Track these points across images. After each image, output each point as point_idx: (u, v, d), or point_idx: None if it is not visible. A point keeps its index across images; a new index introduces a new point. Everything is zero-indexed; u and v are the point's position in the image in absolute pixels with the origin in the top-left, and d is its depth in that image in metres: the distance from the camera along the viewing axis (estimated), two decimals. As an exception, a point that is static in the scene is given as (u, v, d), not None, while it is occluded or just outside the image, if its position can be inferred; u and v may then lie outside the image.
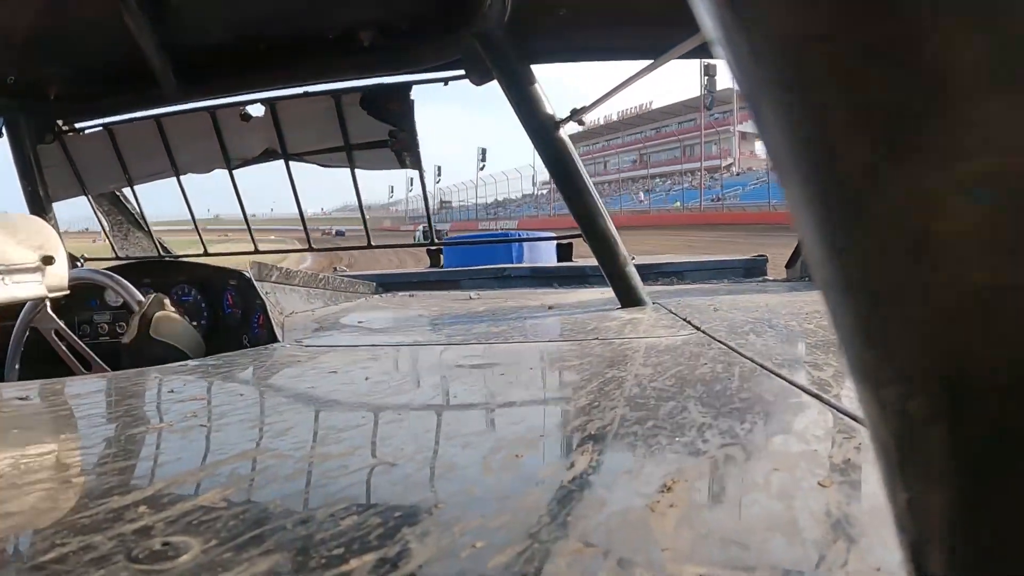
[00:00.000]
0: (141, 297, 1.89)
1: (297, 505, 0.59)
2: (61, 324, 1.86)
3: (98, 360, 1.88)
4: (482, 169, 78.78)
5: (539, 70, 2.18)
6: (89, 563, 0.48)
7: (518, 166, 77.31)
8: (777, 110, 0.21)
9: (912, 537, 0.24)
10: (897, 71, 0.18)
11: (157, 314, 1.82)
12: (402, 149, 2.49)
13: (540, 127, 2.14)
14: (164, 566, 0.47)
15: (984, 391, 0.19)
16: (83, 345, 1.88)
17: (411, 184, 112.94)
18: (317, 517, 0.55)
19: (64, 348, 1.87)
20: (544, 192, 77.59)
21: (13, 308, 1.93)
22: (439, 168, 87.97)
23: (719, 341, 1.43)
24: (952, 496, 0.21)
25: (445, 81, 2.35)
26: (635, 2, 2.04)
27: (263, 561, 0.47)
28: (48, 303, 1.78)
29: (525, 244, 7.35)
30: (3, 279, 1.48)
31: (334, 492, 0.62)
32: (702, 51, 1.59)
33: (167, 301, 1.89)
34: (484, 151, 75.83)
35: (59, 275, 1.62)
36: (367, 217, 2.78)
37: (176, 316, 1.87)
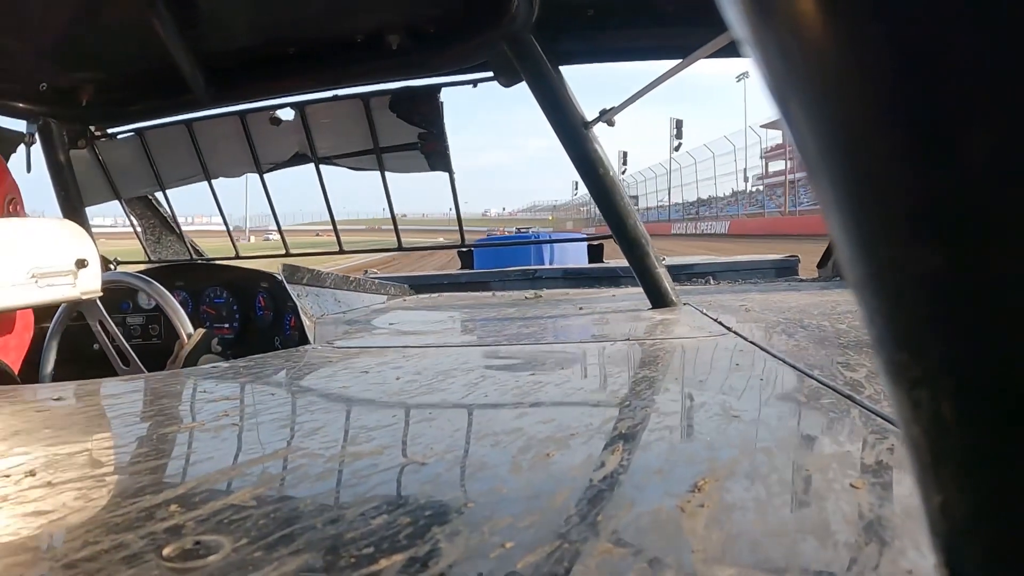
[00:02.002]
0: (191, 329, 1.91)
1: (328, 504, 0.60)
2: (106, 316, 1.88)
3: (135, 357, 1.91)
4: (677, 149, 52.33)
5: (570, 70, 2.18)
6: (120, 561, 0.48)
7: (729, 134, 54.58)
8: (806, 109, 0.21)
9: (945, 539, 0.23)
10: (931, 67, 0.17)
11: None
12: (432, 151, 2.50)
13: (569, 128, 2.14)
14: (195, 564, 0.47)
15: (1018, 391, 0.19)
16: (123, 340, 1.91)
17: None
18: (347, 516, 0.56)
19: (106, 339, 1.89)
20: (759, 188, 59.83)
21: (49, 311, 1.96)
22: (624, 155, 67.95)
23: (750, 341, 1.42)
24: (986, 497, 0.21)
25: (474, 83, 2.35)
26: (662, 2, 2.03)
27: (293, 560, 0.48)
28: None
29: (556, 245, 7.35)
30: (38, 282, 1.50)
31: (364, 491, 0.62)
32: (731, 50, 1.58)
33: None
34: (679, 123, 49.19)
35: (92, 278, 1.65)
36: (552, 218, 2.75)
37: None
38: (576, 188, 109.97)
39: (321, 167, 2.67)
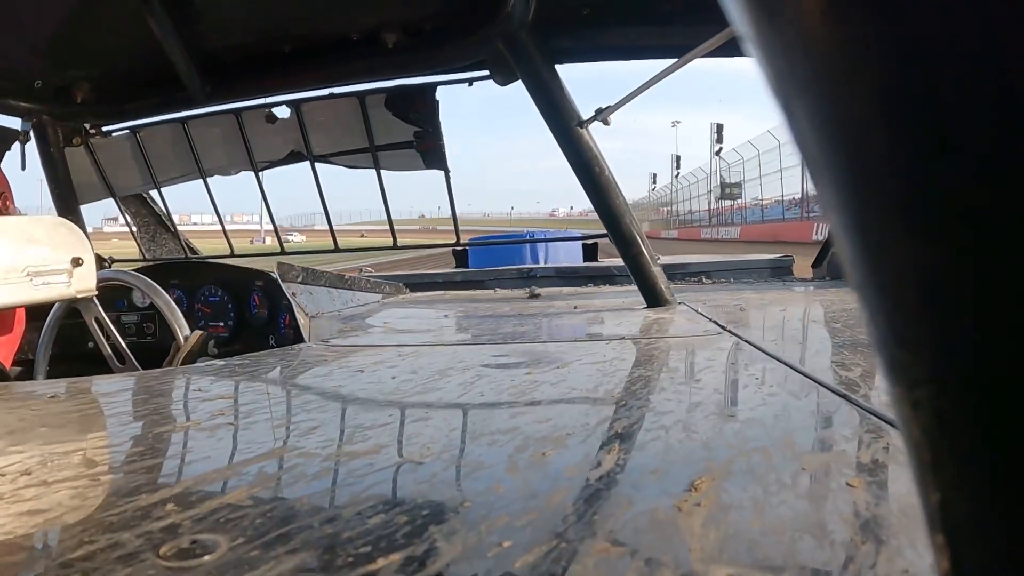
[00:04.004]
0: (188, 330, 1.90)
1: (324, 503, 0.60)
2: (103, 313, 1.88)
3: (131, 355, 1.90)
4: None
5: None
6: (117, 560, 0.48)
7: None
8: (808, 106, 0.21)
9: (944, 538, 0.23)
10: (935, 64, 0.17)
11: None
12: (427, 150, 2.50)
13: (565, 127, 2.14)
14: (191, 563, 0.47)
15: (1020, 389, 0.19)
16: (119, 338, 1.90)
17: (676, 164, 71.63)
18: (344, 515, 0.55)
19: (101, 336, 1.89)
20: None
21: (42, 309, 1.96)
22: (718, 127, 52.46)
23: (745, 340, 1.42)
24: (985, 497, 0.21)
25: (470, 82, 2.35)
26: (658, 1, 2.03)
27: (290, 559, 0.48)
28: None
29: (550, 244, 7.33)
30: (33, 280, 1.50)
31: (361, 490, 0.62)
32: (726, 49, 1.58)
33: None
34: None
35: (87, 276, 1.64)
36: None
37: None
38: (654, 181, 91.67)
39: (346, 165, 2.67)
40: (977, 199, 0.18)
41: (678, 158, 73.23)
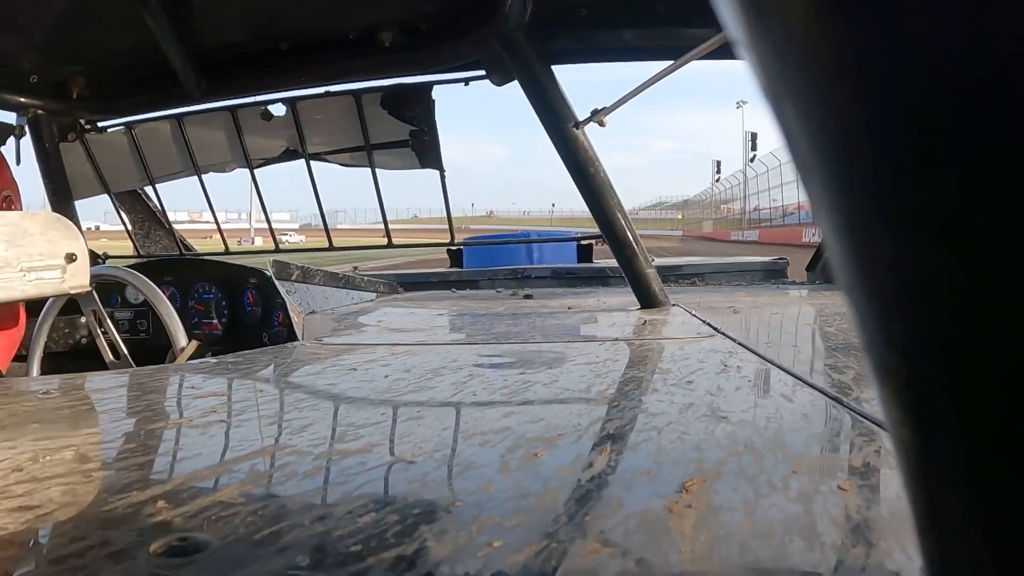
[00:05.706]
0: (185, 341, 1.89)
1: (315, 502, 0.60)
2: (100, 307, 1.87)
3: (125, 351, 1.90)
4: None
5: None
6: (107, 557, 0.48)
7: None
8: (800, 109, 0.21)
9: (932, 541, 0.23)
10: (926, 67, 0.17)
11: None
12: (423, 149, 2.50)
13: (560, 128, 2.14)
14: (182, 561, 0.47)
15: (1009, 392, 0.19)
16: (115, 332, 1.90)
17: (752, 144, 57.26)
18: (335, 514, 0.55)
19: (98, 330, 1.89)
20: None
21: (41, 305, 1.96)
22: None
23: (738, 343, 1.42)
24: (974, 500, 0.21)
25: (466, 81, 2.35)
26: (655, 3, 2.03)
27: (280, 558, 0.48)
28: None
29: (544, 245, 7.33)
30: (26, 276, 1.50)
31: (352, 489, 0.62)
32: (724, 51, 1.58)
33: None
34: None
35: (81, 272, 1.64)
36: (682, 216, 2.57)
37: None
38: (718, 171, 75.24)
39: (341, 164, 2.66)
40: (965, 203, 0.18)
41: (754, 136, 58.41)
